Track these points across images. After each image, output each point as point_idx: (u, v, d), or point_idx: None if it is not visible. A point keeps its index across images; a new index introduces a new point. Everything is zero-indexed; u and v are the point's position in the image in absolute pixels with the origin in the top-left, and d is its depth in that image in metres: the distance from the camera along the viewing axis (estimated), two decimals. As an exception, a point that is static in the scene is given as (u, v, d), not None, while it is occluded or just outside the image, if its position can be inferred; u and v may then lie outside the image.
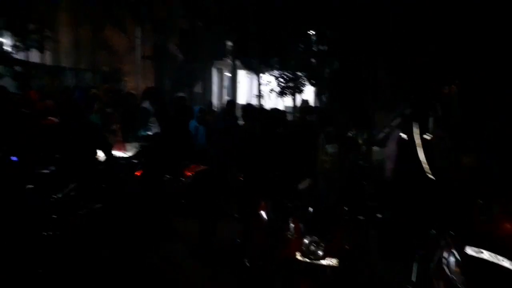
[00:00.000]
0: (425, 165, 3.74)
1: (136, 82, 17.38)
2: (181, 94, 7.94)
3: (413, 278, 3.41)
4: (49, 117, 5.56)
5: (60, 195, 4.07)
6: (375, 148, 8.81)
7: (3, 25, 12.33)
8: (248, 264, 4.10)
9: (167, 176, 5.28)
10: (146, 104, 6.79)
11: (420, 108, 4.10)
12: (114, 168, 4.65)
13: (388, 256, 4.12)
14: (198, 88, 19.51)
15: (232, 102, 6.20)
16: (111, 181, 4.47)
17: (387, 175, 4.29)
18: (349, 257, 3.55)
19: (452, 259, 2.92)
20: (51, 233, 3.90)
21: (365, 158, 6.13)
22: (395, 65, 9.48)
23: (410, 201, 3.93)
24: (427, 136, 3.85)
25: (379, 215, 4.01)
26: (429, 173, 3.73)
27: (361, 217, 3.90)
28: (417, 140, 3.81)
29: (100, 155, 4.57)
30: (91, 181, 4.24)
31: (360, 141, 6.89)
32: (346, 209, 4.05)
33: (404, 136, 3.98)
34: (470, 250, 2.88)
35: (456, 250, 2.93)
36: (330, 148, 4.43)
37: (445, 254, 2.99)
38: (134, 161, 5.38)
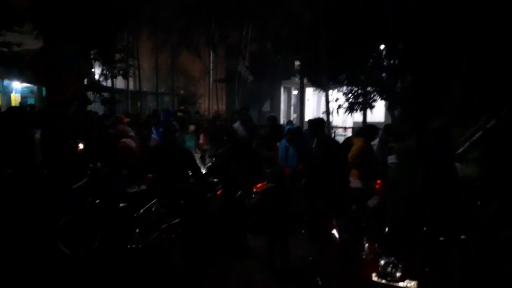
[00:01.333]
0: None
1: (209, 104, 18.23)
2: (272, 114, 8.03)
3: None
4: (123, 140, 5.95)
5: (142, 211, 4.38)
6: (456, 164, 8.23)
7: (94, 56, 13.73)
8: (320, 283, 4.04)
9: (240, 192, 5.41)
10: (236, 124, 7.02)
11: None
12: (196, 185, 4.91)
13: (474, 280, 3.80)
14: (266, 107, 19.93)
15: (321, 120, 6.06)
16: (191, 197, 4.71)
17: None
18: (430, 280, 3.36)
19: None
20: (134, 246, 4.18)
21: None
22: (473, 78, 8.85)
23: None
24: None
25: (463, 236, 3.75)
26: None
27: (442, 238, 3.68)
28: None
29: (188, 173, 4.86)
30: (171, 198, 4.50)
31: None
32: (425, 229, 3.85)
33: None
34: None
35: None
36: (390, 159, 4.28)
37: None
38: (214, 180, 5.59)
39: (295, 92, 21.97)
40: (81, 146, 6.08)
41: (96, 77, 15.22)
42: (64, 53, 5.96)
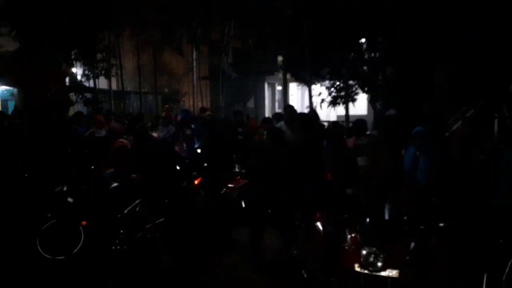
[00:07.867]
0: None
1: (193, 101, 18.15)
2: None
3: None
4: (120, 139, 5.94)
5: (126, 211, 4.35)
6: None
7: (75, 56, 13.53)
8: (305, 275, 4.09)
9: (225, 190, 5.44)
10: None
11: None
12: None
13: (453, 266, 3.90)
14: (250, 103, 19.93)
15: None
16: (175, 196, 4.72)
17: None
18: (411, 268, 3.43)
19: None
20: (118, 247, 4.15)
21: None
22: (454, 67, 9.02)
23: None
24: None
25: (441, 224, 3.83)
26: None
27: (422, 227, 3.76)
28: None
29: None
30: (155, 197, 4.49)
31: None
32: (405, 218, 3.93)
33: None
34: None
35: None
36: (360, 161, 4.37)
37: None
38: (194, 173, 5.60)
39: (279, 87, 21.98)
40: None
41: (78, 77, 15.01)
42: (42, 54, 5.84)
